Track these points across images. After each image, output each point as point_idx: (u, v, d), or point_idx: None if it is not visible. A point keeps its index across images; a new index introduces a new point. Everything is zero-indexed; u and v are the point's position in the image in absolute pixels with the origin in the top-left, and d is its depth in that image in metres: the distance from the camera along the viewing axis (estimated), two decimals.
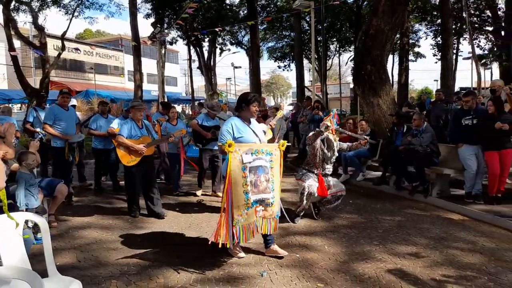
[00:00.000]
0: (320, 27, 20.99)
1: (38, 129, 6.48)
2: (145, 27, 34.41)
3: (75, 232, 4.70)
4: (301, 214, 4.94)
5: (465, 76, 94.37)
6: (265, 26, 28.08)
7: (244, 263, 3.68)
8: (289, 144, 10.83)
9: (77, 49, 17.67)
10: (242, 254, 3.76)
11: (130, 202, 5.33)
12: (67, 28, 16.15)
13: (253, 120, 3.82)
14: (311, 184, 4.65)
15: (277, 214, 3.66)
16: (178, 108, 36.64)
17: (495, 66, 28.23)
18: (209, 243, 3.59)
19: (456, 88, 23.83)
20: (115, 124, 6.15)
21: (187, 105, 33.95)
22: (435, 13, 24.52)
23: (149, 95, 28.06)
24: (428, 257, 3.76)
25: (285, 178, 8.11)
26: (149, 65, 33.19)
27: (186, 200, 6.33)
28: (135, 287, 3.24)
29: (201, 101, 18.94)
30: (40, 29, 14.57)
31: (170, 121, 6.81)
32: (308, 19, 24.94)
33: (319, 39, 22.22)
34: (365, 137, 5.78)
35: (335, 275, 3.39)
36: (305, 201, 4.69)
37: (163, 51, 19.13)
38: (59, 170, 5.94)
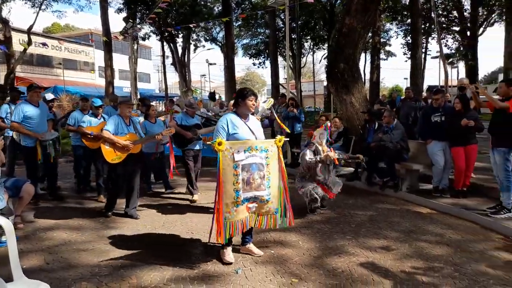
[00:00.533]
0: (294, 25, 21.17)
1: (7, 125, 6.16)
2: (117, 22, 33.56)
3: (42, 233, 4.54)
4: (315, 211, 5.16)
5: (433, 74, 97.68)
6: (239, 23, 28.05)
7: (219, 260, 3.67)
8: None
9: (44, 44, 17.00)
10: (229, 258, 3.60)
11: (110, 201, 5.16)
12: (34, 22, 15.55)
13: (251, 117, 3.74)
14: (315, 186, 4.85)
15: (276, 210, 3.60)
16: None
17: (461, 65, 29.40)
18: (208, 241, 3.66)
19: (425, 86, 24.61)
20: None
21: (160, 102, 33.42)
22: (405, 12, 25.21)
23: (121, 92, 27.41)
24: (398, 250, 3.87)
25: None
26: (121, 61, 32.43)
27: (159, 199, 6.24)
28: None
29: (174, 98, 18.68)
30: (4, 22, 13.94)
31: (149, 119, 6.53)
32: (282, 17, 25.05)
33: (293, 36, 22.41)
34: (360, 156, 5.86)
35: (309, 270, 3.44)
36: (316, 204, 5.02)
37: (135, 47, 18.75)
38: (28, 170, 5.68)
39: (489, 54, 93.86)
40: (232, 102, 4.91)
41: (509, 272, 3.32)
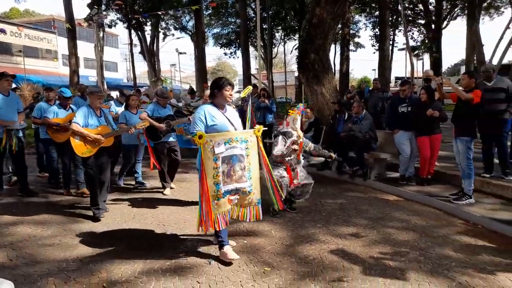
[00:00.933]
0: (265, 15, 21.10)
1: None
2: (81, 8, 32.15)
3: (5, 229, 4.34)
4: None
5: (400, 66, 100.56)
6: (210, 11, 27.59)
7: (191, 252, 3.65)
8: None
9: (2, 30, 16.03)
10: (232, 255, 3.43)
11: (92, 200, 4.74)
12: None
13: (228, 107, 3.64)
14: (284, 175, 4.68)
15: (258, 201, 3.55)
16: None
17: (426, 57, 30.43)
18: (202, 231, 3.40)
19: (392, 77, 25.27)
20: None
21: (129, 91, 32.50)
22: (373, 5, 25.69)
23: (86, 81, 26.41)
24: (367, 237, 3.99)
25: None
26: (86, 49, 31.24)
27: (130, 192, 6.11)
28: (75, 283, 3.08)
29: (142, 88, 18.23)
30: None
31: (130, 109, 6.17)
32: (253, 6, 24.87)
33: (264, 27, 22.34)
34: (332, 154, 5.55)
35: (281, 259, 3.48)
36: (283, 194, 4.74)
37: (101, 34, 18.07)
38: None
39: (452, 47, 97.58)
40: (207, 92, 4.78)
41: (470, 254, 3.50)
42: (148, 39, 28.02)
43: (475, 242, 3.81)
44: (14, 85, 7.46)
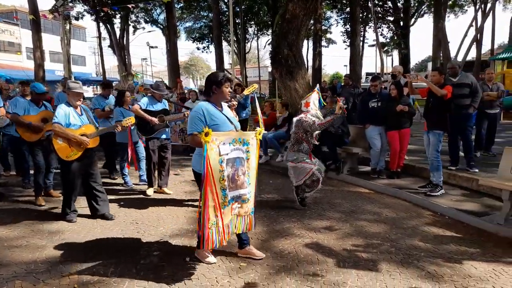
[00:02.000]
0: (238, 9, 20.96)
1: None
2: None
3: None
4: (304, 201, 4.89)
5: (371, 62, 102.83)
6: (181, 4, 27.11)
7: (166, 250, 3.61)
8: None
9: None
10: (211, 259, 3.29)
11: (66, 204, 4.45)
12: None
13: (224, 105, 3.36)
14: (319, 168, 4.67)
15: (252, 210, 3.30)
16: (88, 89, 33.91)
17: (395, 53, 31.25)
18: (201, 248, 3.03)
19: (363, 73, 25.79)
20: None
21: (97, 87, 31.55)
22: (344, 1, 26.06)
23: (53, 75, 25.41)
24: (340, 230, 4.07)
25: None
26: (51, 42, 30.01)
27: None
28: (44, 285, 2.97)
29: (114, 83, 17.71)
30: None
31: (124, 106, 5.90)
32: (226, 0, 24.65)
33: (237, 21, 22.21)
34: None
35: None
36: (317, 187, 4.77)
37: (67, 27, 17.39)
38: None
39: (420, 44, 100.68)
40: (192, 90, 4.66)
41: (438, 244, 3.64)
42: (118, 32, 27.18)
43: (443, 232, 3.97)
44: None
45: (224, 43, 28.60)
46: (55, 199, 5.24)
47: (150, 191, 5.56)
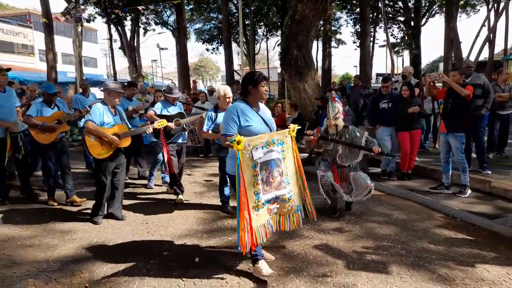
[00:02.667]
0: (247, 11, 21.01)
1: None
2: (58, 1, 31.24)
3: None
4: (334, 208, 4.59)
5: (381, 62, 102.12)
6: (191, 6, 27.25)
7: (176, 250, 3.62)
8: None
9: None
10: (266, 271, 3.04)
11: (97, 205, 4.42)
12: None
13: (261, 105, 3.25)
14: (325, 173, 4.44)
15: (298, 208, 3.23)
16: (97, 91, 34.26)
17: (406, 54, 30.96)
18: (243, 253, 3.02)
19: (373, 74, 25.61)
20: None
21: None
22: (354, 1, 25.92)
23: (65, 77, 25.75)
24: (350, 231, 4.05)
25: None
26: (64, 44, 30.40)
27: None
28: (56, 284, 3.01)
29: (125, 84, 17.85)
30: None
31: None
32: (235, 2, 24.72)
33: (247, 22, 22.25)
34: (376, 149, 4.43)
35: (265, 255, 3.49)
36: (323, 193, 4.45)
37: (79, 29, 17.59)
38: None
39: (431, 44, 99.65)
40: (224, 92, 4.49)
41: (449, 247, 3.59)
42: (129, 34, 27.48)
43: (454, 235, 3.92)
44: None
45: (234, 45, 28.66)
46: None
47: (181, 197, 5.27)
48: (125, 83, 7.15)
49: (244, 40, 25.39)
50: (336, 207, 4.56)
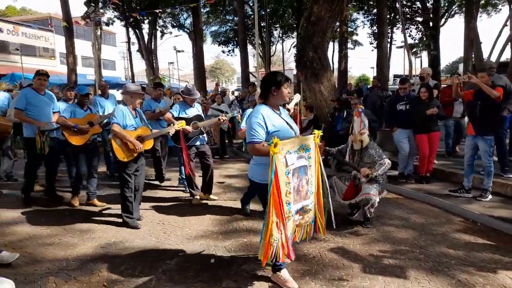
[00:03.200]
0: (263, 13, 21.04)
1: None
2: (78, 6, 31.94)
3: (5, 228, 4.33)
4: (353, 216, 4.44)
5: (399, 63, 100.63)
6: (208, 9, 27.48)
7: (192, 250, 3.65)
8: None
9: None
10: (292, 285, 2.92)
11: (124, 208, 4.35)
12: None
13: (281, 108, 3.05)
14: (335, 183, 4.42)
15: (312, 219, 3.05)
16: (117, 93, 34.86)
17: (424, 55, 30.45)
18: (263, 264, 2.91)
19: (391, 75, 25.30)
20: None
21: None
22: (371, 2, 25.66)
23: (84, 80, 26.32)
24: (367, 235, 4.00)
25: (232, 164, 8.15)
26: (83, 47, 31.07)
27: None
28: (75, 282, 3.08)
29: (143, 86, 18.12)
30: None
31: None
32: (251, 4, 24.81)
33: (262, 24, 22.28)
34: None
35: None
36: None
37: (98, 33, 17.97)
38: (28, 164, 5.21)
39: (450, 45, 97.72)
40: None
41: (469, 252, 3.51)
42: (146, 37, 27.90)
43: (475, 240, 3.83)
44: (9, 84, 7.30)
45: (249, 46, 28.75)
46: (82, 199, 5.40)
47: (196, 200, 5.28)
48: (144, 85, 7.21)
49: (260, 42, 25.44)
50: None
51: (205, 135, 5.31)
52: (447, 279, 3.02)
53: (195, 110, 5.26)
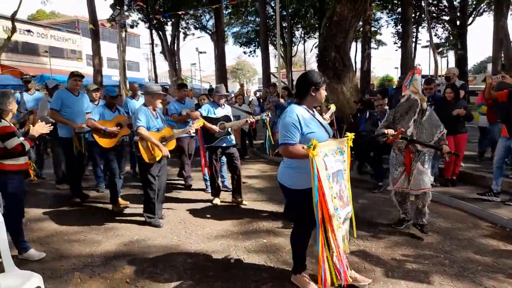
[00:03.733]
0: (285, 13, 21.03)
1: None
2: (104, 9, 32.80)
3: (33, 224, 4.49)
4: (404, 221, 4.21)
5: (424, 63, 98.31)
6: (229, 10, 27.68)
7: (212, 250, 3.68)
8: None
9: (29, 30, 16.65)
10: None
11: (151, 206, 4.39)
12: (18, 8, 15.11)
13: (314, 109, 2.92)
14: (395, 176, 3.99)
15: (348, 228, 2.93)
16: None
17: (451, 54, 29.64)
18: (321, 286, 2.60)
19: None
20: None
21: None
22: (396, 1, 25.20)
23: (109, 81, 27.03)
24: (389, 239, 3.92)
25: (252, 165, 8.16)
26: (109, 49, 31.90)
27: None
28: (99, 278, 3.16)
29: (165, 87, 18.42)
30: None
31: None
32: (273, 5, 24.83)
33: (284, 25, 22.26)
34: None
35: None
36: (394, 200, 4.14)
37: (123, 35, 18.40)
38: (67, 166, 5.33)
39: (478, 44, 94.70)
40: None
41: (497, 259, 3.39)
42: (169, 38, 28.36)
43: (504, 246, 3.69)
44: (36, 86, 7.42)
45: (271, 47, 28.78)
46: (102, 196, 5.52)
47: (216, 201, 5.23)
48: (166, 86, 7.15)
49: (281, 43, 25.41)
50: (404, 219, 4.25)
51: (232, 136, 5.16)
52: (473, 286, 2.93)
53: (224, 110, 5.19)
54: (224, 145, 5.08)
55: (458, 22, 24.45)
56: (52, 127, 3.85)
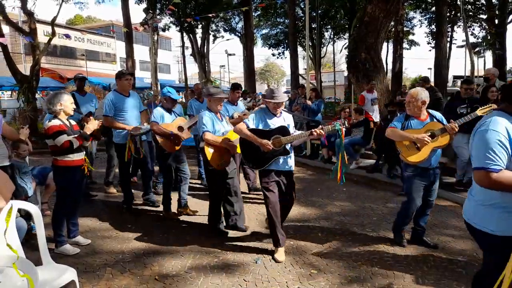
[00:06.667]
0: (314, 14, 20.85)
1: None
2: (137, 13, 33.74)
3: None
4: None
5: (459, 64, 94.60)
6: (259, 12, 27.80)
7: (239, 251, 3.71)
8: None
9: (67, 35, 17.39)
10: None
11: (216, 214, 4.18)
12: (57, 14, 15.80)
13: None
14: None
15: None
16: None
17: (489, 55, 28.37)
18: None
19: (450, 77, 23.90)
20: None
21: (180, 92, 33.68)
22: (429, 0, 24.44)
23: (142, 83, 27.78)
24: (420, 244, 3.80)
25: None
26: (141, 52, 32.78)
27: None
28: (129, 274, 3.26)
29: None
30: (29, 14, 14.24)
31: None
32: (302, 6, 24.70)
33: (313, 26, 22.08)
34: None
35: (328, 262, 3.43)
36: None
37: (155, 38, 18.84)
38: (120, 172, 5.07)
39: None
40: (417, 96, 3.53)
41: None
42: (199, 41, 28.82)
43: None
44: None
45: (299, 49, 28.62)
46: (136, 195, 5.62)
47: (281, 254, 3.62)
48: (191, 87, 6.74)
49: (310, 44, 25.23)
50: None
51: (292, 155, 3.68)
52: None
53: (280, 120, 3.66)
54: (282, 168, 3.62)
55: (496, 21, 23.40)
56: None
